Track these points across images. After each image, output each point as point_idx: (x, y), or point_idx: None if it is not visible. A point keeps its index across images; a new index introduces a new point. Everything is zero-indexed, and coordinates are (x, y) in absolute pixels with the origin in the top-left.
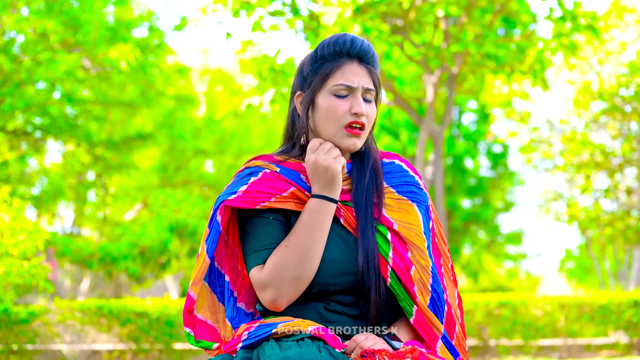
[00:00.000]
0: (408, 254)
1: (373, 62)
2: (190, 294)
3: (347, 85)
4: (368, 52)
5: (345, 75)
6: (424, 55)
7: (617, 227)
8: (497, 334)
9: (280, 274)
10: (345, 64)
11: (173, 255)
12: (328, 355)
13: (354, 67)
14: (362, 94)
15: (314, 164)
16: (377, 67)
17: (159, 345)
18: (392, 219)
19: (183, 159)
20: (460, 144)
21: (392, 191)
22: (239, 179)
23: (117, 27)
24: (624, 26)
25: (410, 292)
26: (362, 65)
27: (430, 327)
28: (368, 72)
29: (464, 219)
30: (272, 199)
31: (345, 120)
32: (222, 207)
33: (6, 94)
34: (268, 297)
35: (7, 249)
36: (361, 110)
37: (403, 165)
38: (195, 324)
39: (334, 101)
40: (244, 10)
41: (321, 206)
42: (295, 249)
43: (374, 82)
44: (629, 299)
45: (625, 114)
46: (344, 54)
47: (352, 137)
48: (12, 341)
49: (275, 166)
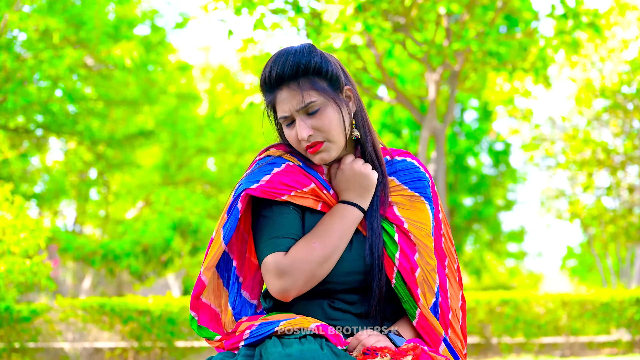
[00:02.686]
0: (415, 256)
1: (295, 73)
2: (202, 278)
3: (283, 117)
4: (283, 70)
5: (279, 106)
6: (426, 52)
7: (619, 225)
8: (499, 332)
9: (302, 267)
10: (276, 94)
11: (175, 253)
12: (330, 353)
13: (282, 94)
14: (303, 113)
15: (352, 170)
16: (306, 69)
17: (161, 343)
18: (402, 217)
19: (185, 156)
20: (462, 142)
21: (404, 188)
22: (259, 167)
23: (119, 24)
24: (626, 24)
25: (413, 294)
26: (287, 87)
27: (433, 330)
28: (296, 90)
29: (465, 217)
30: (293, 193)
31: (302, 146)
32: (244, 195)
33: (9, 92)
34: (281, 285)
35: (9, 246)
36: (302, 136)
37: (415, 162)
38: (200, 308)
39: (288, 131)
40: (246, 8)
41: (354, 215)
42: (323, 248)
43: (309, 90)
44: (631, 297)
45: (627, 111)
46: (267, 87)
47: (315, 154)
48: (14, 339)
49: (297, 159)
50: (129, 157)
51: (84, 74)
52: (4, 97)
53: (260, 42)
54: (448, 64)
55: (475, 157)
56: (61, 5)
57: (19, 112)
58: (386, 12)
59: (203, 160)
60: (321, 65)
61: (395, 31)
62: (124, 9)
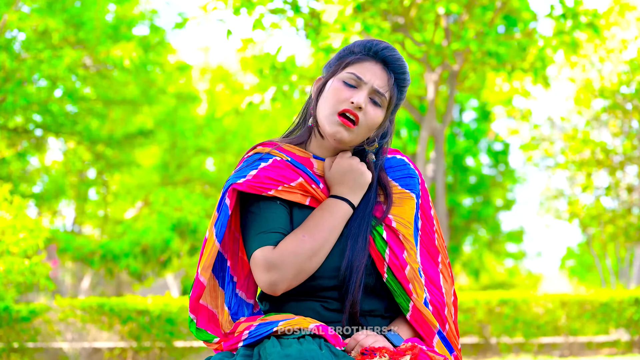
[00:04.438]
0: (404, 254)
1: (398, 71)
2: (201, 279)
3: (357, 77)
4: (397, 60)
5: (362, 69)
6: (425, 53)
7: (618, 225)
8: (499, 332)
9: (291, 260)
10: (368, 61)
11: (174, 253)
12: (329, 353)
13: (375, 67)
14: (370, 93)
15: (350, 165)
16: (402, 78)
17: (160, 343)
18: (391, 215)
19: (184, 157)
20: (461, 142)
21: (394, 184)
22: (247, 163)
23: (119, 25)
24: (625, 24)
25: (405, 288)
26: (385, 69)
27: (427, 323)
28: (387, 77)
29: (465, 217)
30: (280, 187)
31: (341, 106)
32: (231, 190)
33: (8, 92)
34: (270, 279)
35: (8, 246)
36: (359, 102)
37: (405, 159)
38: (198, 310)
39: (340, 86)
40: (245, 8)
41: (344, 210)
42: (312, 241)
43: (391, 90)
44: (630, 297)
45: (626, 111)
46: (372, 52)
47: (341, 125)
48: (13, 339)
49: (285, 155)
50: (128, 157)
51: (83, 74)
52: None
53: (259, 42)
54: (447, 64)
55: (474, 157)
56: (60, 6)
57: (18, 112)
58: (385, 12)
59: (202, 161)
60: (406, 90)
61: (395, 31)
62: (124, 9)
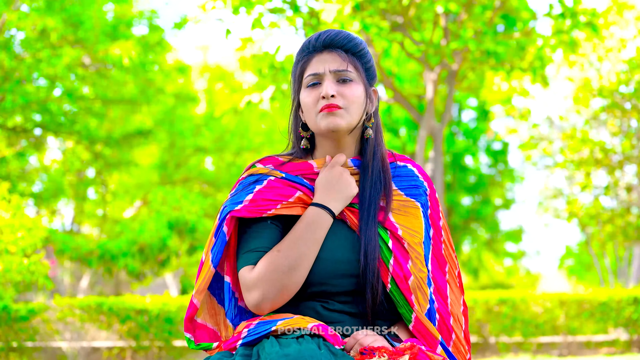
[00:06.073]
0: (408, 264)
1: (344, 43)
2: (194, 302)
3: (314, 74)
4: (336, 36)
5: (314, 64)
6: (423, 52)
7: (617, 224)
8: (497, 331)
9: (268, 278)
10: (315, 55)
11: (173, 253)
12: (328, 353)
13: (322, 56)
14: (334, 77)
15: (340, 176)
16: (352, 45)
17: (159, 342)
18: (397, 224)
19: (183, 156)
20: (460, 141)
21: (400, 193)
22: (243, 187)
23: (118, 24)
24: (624, 23)
25: (408, 300)
26: (332, 51)
27: (429, 334)
28: (339, 56)
29: (463, 217)
30: (279, 206)
31: (319, 106)
32: (229, 218)
33: (7, 91)
34: (253, 299)
35: (6, 245)
36: (327, 92)
37: (415, 170)
38: (196, 329)
39: (308, 92)
40: (244, 7)
41: (321, 218)
42: (286, 256)
43: (350, 63)
44: (628, 296)
45: (625, 111)
46: (312, 47)
47: (328, 115)
48: (12, 338)
49: (280, 172)
50: (126, 156)
51: (82, 73)
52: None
53: (258, 42)
54: (446, 63)
55: (473, 157)
56: (59, 5)
57: (17, 111)
58: (384, 11)
59: (201, 160)
60: (367, 53)
61: (393, 30)
62: (122, 8)
